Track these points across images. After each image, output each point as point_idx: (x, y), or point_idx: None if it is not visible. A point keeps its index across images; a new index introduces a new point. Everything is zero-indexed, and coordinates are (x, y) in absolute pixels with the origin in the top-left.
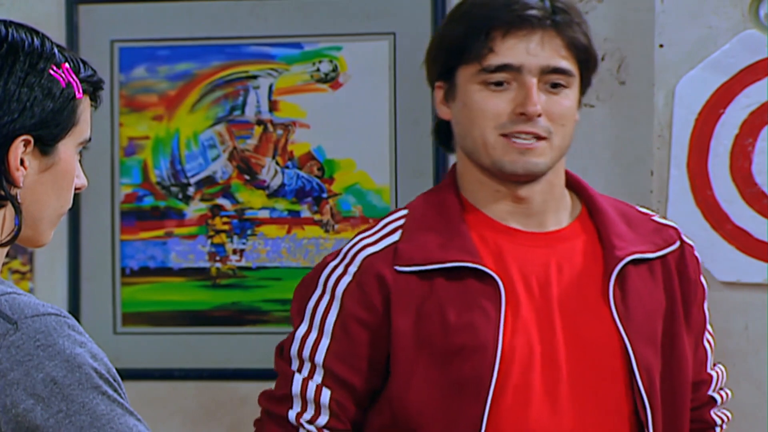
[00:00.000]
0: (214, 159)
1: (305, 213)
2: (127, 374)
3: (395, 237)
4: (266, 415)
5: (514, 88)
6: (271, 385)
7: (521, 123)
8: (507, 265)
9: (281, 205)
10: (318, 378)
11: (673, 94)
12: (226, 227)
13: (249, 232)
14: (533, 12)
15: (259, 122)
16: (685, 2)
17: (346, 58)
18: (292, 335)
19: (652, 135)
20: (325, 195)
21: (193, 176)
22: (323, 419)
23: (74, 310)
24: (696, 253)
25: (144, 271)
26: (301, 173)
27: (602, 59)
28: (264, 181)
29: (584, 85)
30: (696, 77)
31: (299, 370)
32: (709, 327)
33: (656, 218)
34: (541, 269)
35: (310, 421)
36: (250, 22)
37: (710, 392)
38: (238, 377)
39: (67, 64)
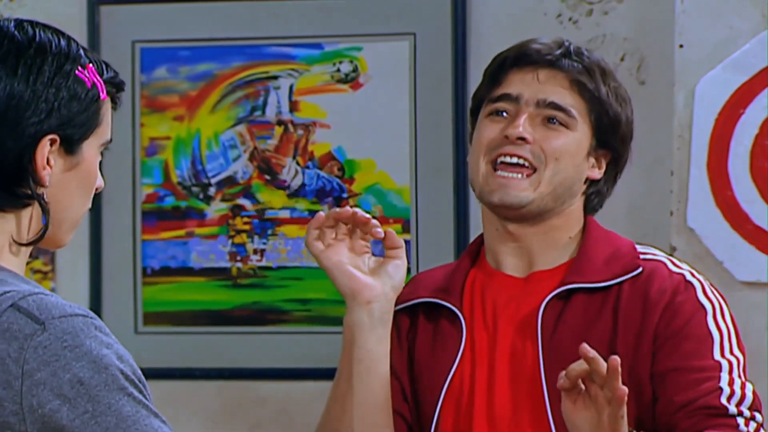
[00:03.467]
0: (235, 159)
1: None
2: (148, 374)
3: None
4: None
5: (512, 118)
6: (291, 385)
7: (506, 145)
8: (477, 306)
9: (302, 205)
10: None
11: (693, 94)
12: (246, 227)
13: (269, 232)
14: (539, 48)
15: (280, 123)
16: (706, 2)
17: (366, 59)
18: None
19: (672, 135)
20: (345, 195)
21: (213, 176)
22: None
23: (96, 309)
24: (689, 279)
25: (165, 271)
26: (322, 173)
27: (622, 59)
28: (284, 182)
29: (600, 142)
30: (716, 77)
31: None
32: (732, 345)
33: (646, 255)
34: (501, 305)
35: None
36: (271, 23)
37: (720, 383)
38: (258, 377)
39: (91, 65)
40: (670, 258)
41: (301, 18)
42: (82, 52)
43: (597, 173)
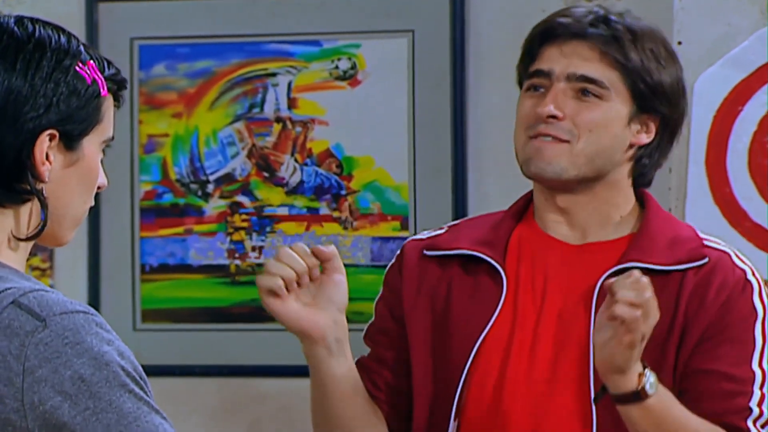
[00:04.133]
0: (233, 156)
1: (324, 210)
2: (147, 371)
3: (441, 231)
4: None
5: (546, 93)
6: (291, 382)
7: (540, 124)
8: (523, 265)
9: (300, 202)
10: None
11: (692, 91)
12: (245, 224)
13: (268, 229)
14: (567, 21)
15: (278, 120)
16: (704, 0)
17: (364, 56)
18: None
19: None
20: (343, 192)
21: (212, 173)
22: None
23: (94, 306)
24: (749, 277)
25: (163, 268)
26: (320, 170)
27: None
28: (283, 179)
29: (642, 108)
30: (714, 74)
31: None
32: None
33: (710, 242)
34: (553, 269)
35: None
36: (269, 20)
37: (750, 403)
38: (258, 374)
39: (92, 62)
40: (734, 250)
41: (299, 15)
42: (82, 48)
43: (645, 138)
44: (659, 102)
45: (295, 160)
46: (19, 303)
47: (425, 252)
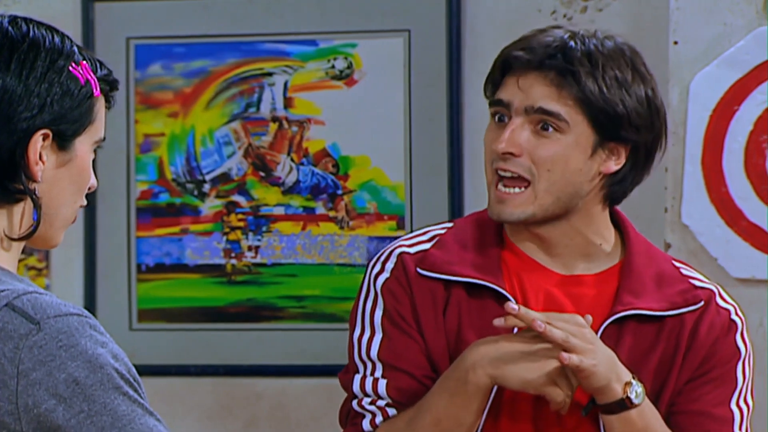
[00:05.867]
0: (230, 156)
1: (320, 210)
2: (143, 370)
3: (429, 244)
4: None
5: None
6: (286, 382)
7: (501, 160)
8: (519, 292)
9: (296, 201)
10: (377, 373)
11: (688, 90)
12: (241, 224)
13: (264, 228)
14: (523, 54)
15: (275, 119)
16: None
17: (361, 55)
18: (350, 342)
19: (667, 132)
20: (339, 192)
21: (208, 173)
22: (383, 402)
23: (90, 306)
24: (733, 317)
25: (160, 268)
26: (316, 170)
27: None
28: (279, 178)
29: (606, 137)
30: (710, 74)
31: (357, 371)
32: (746, 393)
33: (696, 281)
34: (545, 300)
35: (371, 404)
36: (266, 19)
37: None
38: (253, 373)
39: (85, 63)
40: (718, 288)
41: (296, 14)
42: (75, 49)
43: (614, 166)
44: (624, 130)
45: (292, 160)
46: (13, 306)
47: (419, 271)
